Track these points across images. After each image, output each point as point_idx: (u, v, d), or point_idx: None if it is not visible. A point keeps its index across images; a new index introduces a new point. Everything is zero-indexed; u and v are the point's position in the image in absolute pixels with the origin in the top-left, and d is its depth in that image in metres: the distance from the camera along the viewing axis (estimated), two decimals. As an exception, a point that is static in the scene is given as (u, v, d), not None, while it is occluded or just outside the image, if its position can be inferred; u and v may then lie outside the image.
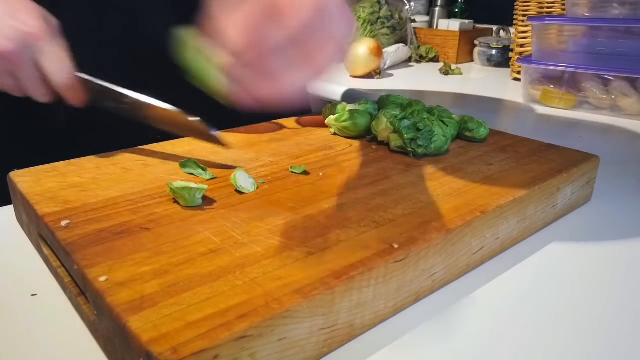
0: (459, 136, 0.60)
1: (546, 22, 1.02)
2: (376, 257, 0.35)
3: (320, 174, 0.49)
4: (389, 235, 0.38)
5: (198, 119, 0.50)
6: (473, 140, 0.59)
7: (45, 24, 0.47)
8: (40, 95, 0.49)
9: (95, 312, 0.32)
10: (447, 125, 0.56)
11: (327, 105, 0.64)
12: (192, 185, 0.42)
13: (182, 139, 0.57)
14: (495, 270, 0.43)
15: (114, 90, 0.52)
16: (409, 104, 0.61)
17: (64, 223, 0.38)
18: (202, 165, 0.48)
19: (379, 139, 0.57)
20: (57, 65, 0.47)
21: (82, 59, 0.50)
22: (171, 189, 0.42)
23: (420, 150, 0.52)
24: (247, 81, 0.35)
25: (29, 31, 0.46)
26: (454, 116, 0.61)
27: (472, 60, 1.54)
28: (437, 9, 1.68)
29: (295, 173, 0.49)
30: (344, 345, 0.34)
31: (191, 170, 0.48)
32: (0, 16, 0.46)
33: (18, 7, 0.47)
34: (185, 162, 0.49)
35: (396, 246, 0.36)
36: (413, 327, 0.36)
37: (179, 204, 0.42)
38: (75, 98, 0.50)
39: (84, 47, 0.50)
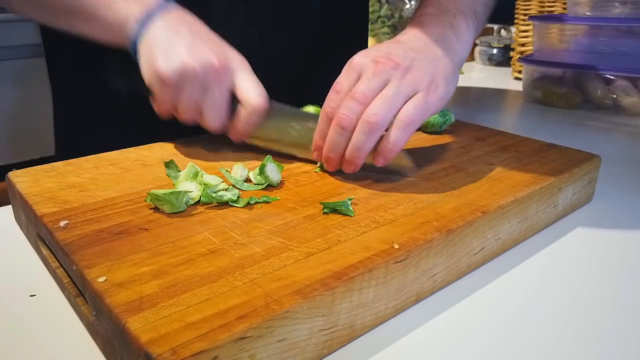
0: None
1: (547, 21, 1.02)
2: (376, 257, 0.35)
3: (317, 171, 0.49)
4: (389, 235, 0.37)
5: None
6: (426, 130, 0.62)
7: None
8: (216, 118, 0.50)
9: (94, 313, 0.32)
10: None
11: None
12: (180, 189, 0.41)
13: (182, 139, 0.57)
14: (497, 270, 0.43)
15: (297, 114, 0.53)
16: None
17: (62, 223, 0.38)
18: (179, 168, 0.48)
19: None
20: (256, 87, 0.50)
21: None
22: (155, 196, 0.40)
23: None
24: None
25: (239, 59, 0.50)
26: None
27: (472, 60, 1.54)
28: (437, 8, 1.68)
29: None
30: (344, 346, 0.34)
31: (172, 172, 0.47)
32: (210, 39, 0.50)
33: (219, 40, 0.51)
34: (168, 163, 0.48)
35: (397, 246, 0.36)
36: (414, 328, 0.36)
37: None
38: (252, 125, 0.51)
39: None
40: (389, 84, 0.45)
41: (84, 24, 0.52)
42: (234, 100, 0.50)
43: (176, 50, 0.47)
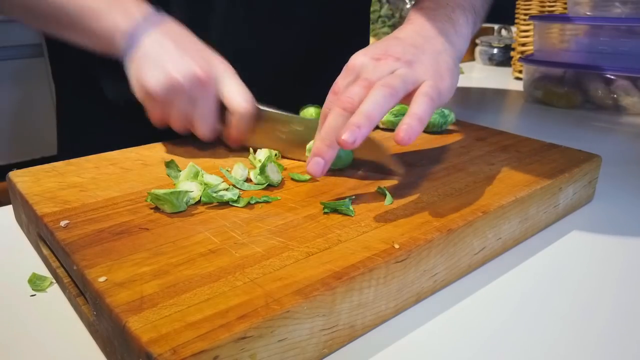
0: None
1: (548, 21, 1.02)
2: (377, 257, 0.35)
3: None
4: (390, 235, 0.37)
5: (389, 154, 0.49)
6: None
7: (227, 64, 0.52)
8: (207, 127, 0.51)
9: (95, 313, 0.32)
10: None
11: None
12: (180, 189, 0.41)
13: (182, 138, 0.57)
14: (497, 270, 0.43)
15: (287, 116, 0.52)
16: None
17: (63, 223, 0.38)
18: (180, 168, 0.48)
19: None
20: (242, 93, 0.50)
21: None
22: (155, 196, 0.40)
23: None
24: None
25: (223, 66, 0.51)
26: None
27: (473, 59, 1.54)
28: (438, 8, 1.68)
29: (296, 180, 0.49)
30: (344, 346, 0.34)
31: (172, 172, 0.47)
32: (195, 49, 0.50)
33: (205, 49, 0.52)
34: (168, 163, 0.48)
35: (397, 246, 0.36)
36: (414, 328, 0.36)
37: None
38: (243, 130, 0.52)
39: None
40: (393, 73, 0.43)
41: (73, 33, 0.53)
42: (224, 108, 0.51)
43: (162, 65, 0.48)
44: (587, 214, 0.54)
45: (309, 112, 0.62)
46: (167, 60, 0.48)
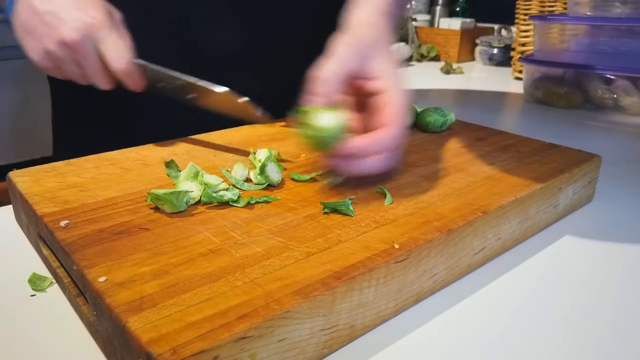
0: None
1: (548, 21, 1.02)
2: (377, 257, 0.35)
3: (320, 172, 0.49)
4: (389, 235, 0.37)
5: (247, 99, 0.52)
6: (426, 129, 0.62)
7: (107, 15, 0.51)
8: (102, 83, 0.53)
9: (95, 313, 0.32)
10: None
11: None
12: (180, 189, 0.41)
13: (182, 138, 0.57)
14: (497, 270, 0.43)
15: (167, 74, 0.54)
16: None
17: (63, 223, 0.38)
18: (180, 169, 0.48)
19: None
20: (117, 53, 0.51)
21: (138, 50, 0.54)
22: (155, 196, 0.40)
23: None
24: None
25: (92, 22, 0.50)
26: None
27: (473, 59, 1.54)
28: (438, 7, 1.68)
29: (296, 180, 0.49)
30: (344, 346, 0.34)
31: (172, 172, 0.47)
32: (67, 8, 0.50)
33: (79, 3, 0.51)
34: (168, 163, 0.48)
35: (397, 246, 0.36)
36: (414, 328, 0.36)
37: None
38: (133, 83, 0.53)
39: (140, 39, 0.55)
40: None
41: None
42: None
43: (36, 36, 0.50)
44: (587, 214, 0.54)
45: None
46: (39, 29, 0.49)
